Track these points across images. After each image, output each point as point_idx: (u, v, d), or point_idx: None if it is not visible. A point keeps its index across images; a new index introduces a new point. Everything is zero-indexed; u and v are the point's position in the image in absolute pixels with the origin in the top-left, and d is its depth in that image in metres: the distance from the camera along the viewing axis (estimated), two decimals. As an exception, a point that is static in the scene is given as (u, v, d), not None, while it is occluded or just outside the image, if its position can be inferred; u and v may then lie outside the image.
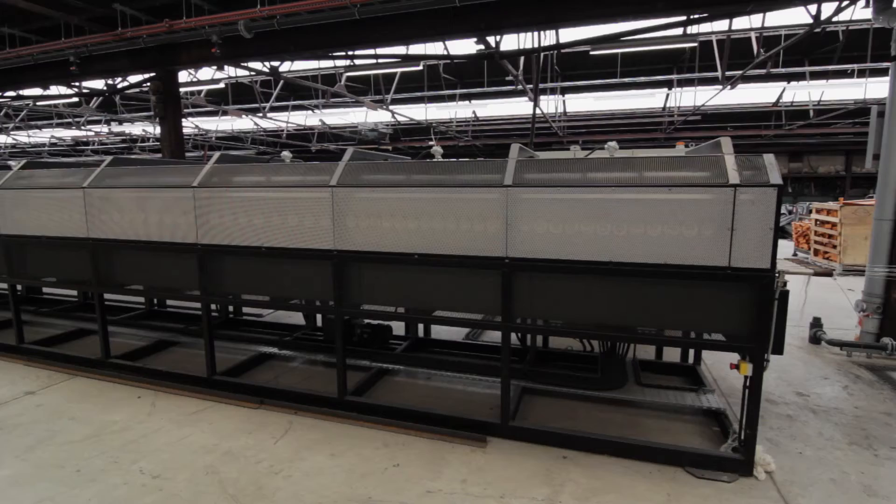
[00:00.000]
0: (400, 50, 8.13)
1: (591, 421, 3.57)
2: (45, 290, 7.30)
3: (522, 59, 10.36)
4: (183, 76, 10.23)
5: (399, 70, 12.10)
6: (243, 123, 17.36)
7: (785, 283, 2.76)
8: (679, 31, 8.37)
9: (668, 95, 14.15)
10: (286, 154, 4.35)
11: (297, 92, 14.84)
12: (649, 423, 3.56)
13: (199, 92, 12.26)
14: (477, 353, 4.74)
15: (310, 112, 16.05)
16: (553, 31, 7.80)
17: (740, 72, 9.21)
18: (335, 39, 6.74)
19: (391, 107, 13.19)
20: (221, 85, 12.60)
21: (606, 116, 16.01)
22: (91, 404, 3.95)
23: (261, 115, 13.81)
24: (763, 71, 10.59)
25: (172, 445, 3.30)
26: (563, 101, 14.90)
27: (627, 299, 2.95)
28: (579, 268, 2.94)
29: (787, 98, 13.76)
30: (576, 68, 13.19)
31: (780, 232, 2.83)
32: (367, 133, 16.63)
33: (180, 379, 4.22)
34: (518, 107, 15.59)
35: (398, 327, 5.09)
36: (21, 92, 11.72)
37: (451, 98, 14.15)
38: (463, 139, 18.06)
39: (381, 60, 9.07)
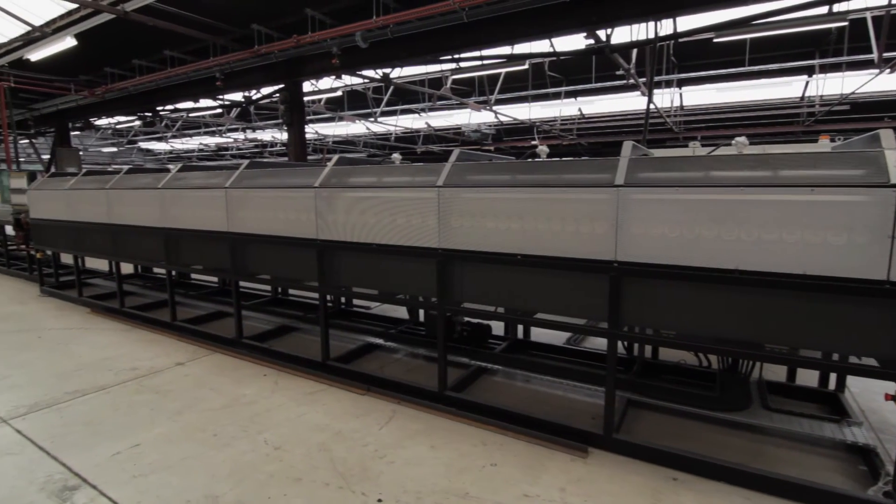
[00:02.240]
0: (505, 50, 8.13)
1: (705, 443, 3.27)
2: (192, 275, 8.45)
3: (635, 51, 9.79)
4: (305, 86, 11.20)
5: (504, 70, 12.07)
6: (356, 128, 18.54)
7: (966, 303, 2.30)
8: (824, 9, 7.34)
9: (807, 83, 12.45)
10: (396, 156, 4.57)
11: (406, 96, 15.49)
12: (777, 453, 3.18)
13: (320, 100, 13.33)
14: (578, 359, 4.58)
15: (416, 115, 16.66)
16: (669, 20, 7.28)
17: (906, 52, 7.81)
18: (443, 43, 6.93)
19: (495, 107, 13.23)
20: (339, 93, 13.57)
21: (730, 109, 14.52)
22: (226, 378, 4.50)
23: (372, 119, 14.65)
24: (937, 49, 8.88)
25: (291, 421, 3.64)
26: (680, 94, 13.80)
27: (755, 312, 2.65)
28: (699, 275, 2.72)
29: (969, 80, 11.37)
30: (696, 58, 12.15)
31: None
32: (471, 134, 16.85)
33: (299, 361, 4.64)
34: (628, 102, 14.73)
35: (497, 327, 5.10)
36: (177, 105, 13.68)
37: (556, 96, 13.80)
38: (567, 138, 17.53)
39: (486, 62, 9.14)
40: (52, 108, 13.65)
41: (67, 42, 8.68)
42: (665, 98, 13.15)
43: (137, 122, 18.24)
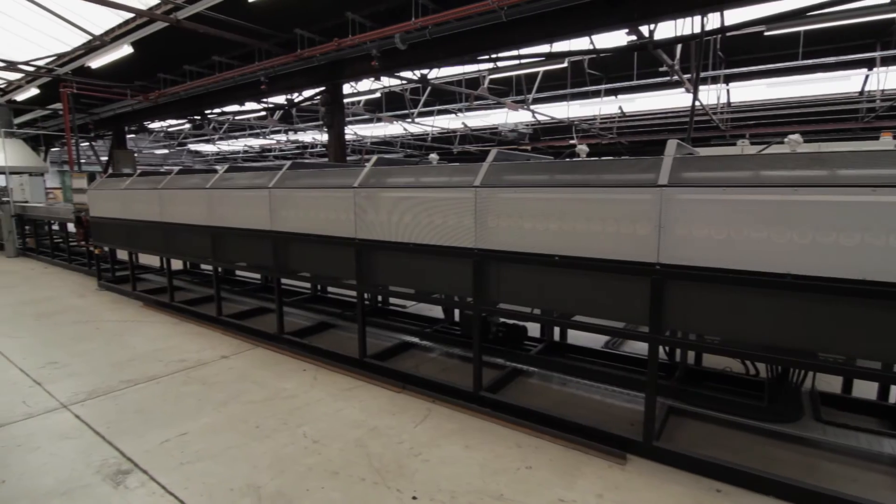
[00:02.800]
0: (544, 48, 8.04)
1: (751, 455, 3.13)
2: (237, 272, 8.76)
3: (679, 46, 9.48)
4: (345, 88, 11.44)
5: (542, 69, 11.94)
6: (394, 129, 18.77)
7: None
8: (889, -2, 6.89)
9: (867, 77, 11.70)
10: (433, 156, 4.60)
11: (443, 97, 15.56)
12: (830, 469, 3.00)
13: (359, 102, 13.56)
14: (617, 363, 4.48)
15: (453, 116, 16.71)
16: (717, 13, 7.00)
17: (983, 41, 7.23)
18: (481, 43, 6.92)
19: (532, 106, 13.10)
20: (377, 94, 13.78)
21: (782, 105, 13.83)
22: (268, 371, 4.64)
23: (409, 120, 14.79)
24: None
25: (329, 416, 3.73)
26: (727, 91, 13.27)
27: (808, 319, 2.52)
28: (747, 279, 2.60)
29: None
30: (744, 52, 11.64)
31: None
32: (507, 134, 16.76)
33: (337, 358, 4.74)
34: (671, 99, 14.29)
35: (533, 329, 5.05)
36: (224, 108, 14.22)
37: (596, 94, 13.52)
38: (607, 137, 17.17)
39: (523, 61, 9.07)
40: (110, 112, 14.48)
41: (124, 50, 9.19)
42: (711, 94, 12.67)
43: (187, 125, 19.08)
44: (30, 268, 10.93)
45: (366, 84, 12.14)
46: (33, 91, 13.38)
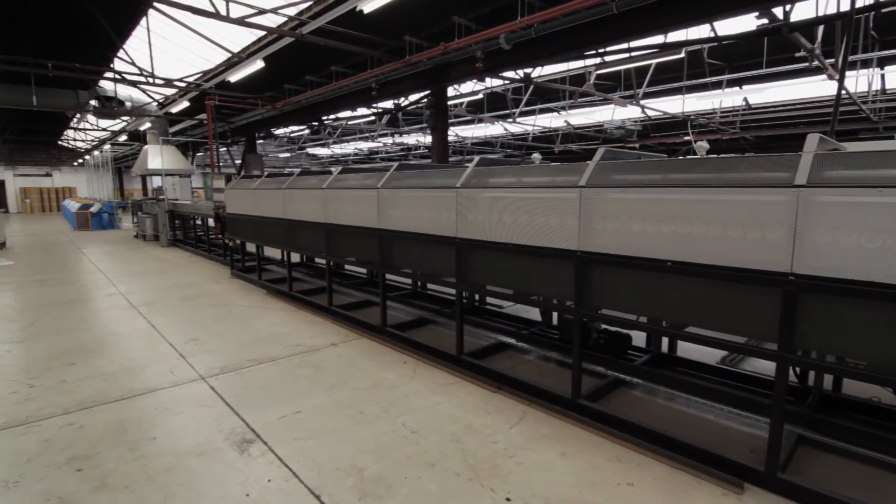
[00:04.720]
0: (657, 39, 7.54)
1: (908, 501, 2.67)
2: (346, 266, 9.39)
3: (822, 28, 8.32)
4: (448, 91, 11.70)
5: (654, 61, 11.19)
6: (494, 129, 18.81)
7: None
8: None
9: None
10: (536, 156, 4.53)
11: (545, 95, 15.27)
12: None
13: (461, 104, 13.80)
14: (734, 381, 4.07)
15: (555, 114, 16.32)
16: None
17: None
18: (589, 38, 6.68)
19: (643, 101, 12.34)
20: (479, 96, 13.91)
21: (959, 91, 11.54)
22: (371, 361, 4.92)
23: (511, 120, 14.72)
24: None
25: (427, 409, 3.85)
26: (882, 76, 11.37)
27: None
28: (908, 296, 2.22)
29: None
30: (909, 30, 9.90)
31: None
32: (613, 131, 15.97)
33: (435, 353, 4.88)
34: (808, 88, 12.57)
35: (638, 338, 4.76)
36: (338, 115, 15.30)
37: (717, 85, 12.35)
38: (728, 132, 15.62)
39: (634, 54, 8.57)
40: (243, 121, 16.29)
41: (258, 64, 10.27)
42: (860, 81, 10.96)
43: (306, 131, 20.83)
44: (178, 256, 12.68)
45: (468, 86, 12.33)
46: (184, 104, 15.49)
